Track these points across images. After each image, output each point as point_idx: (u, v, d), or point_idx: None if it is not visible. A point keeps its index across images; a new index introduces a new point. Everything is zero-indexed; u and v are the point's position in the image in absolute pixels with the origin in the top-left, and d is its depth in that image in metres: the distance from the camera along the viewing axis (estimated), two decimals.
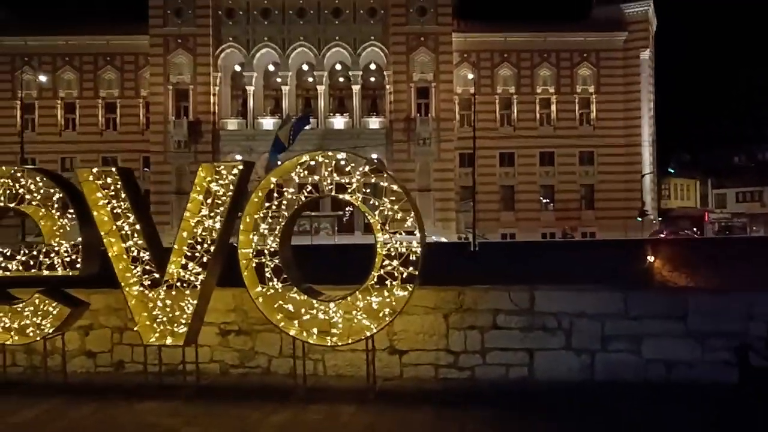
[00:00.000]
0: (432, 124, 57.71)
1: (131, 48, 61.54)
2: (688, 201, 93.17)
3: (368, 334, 6.33)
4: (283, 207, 6.55)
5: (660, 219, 69.56)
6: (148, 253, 6.57)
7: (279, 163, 54.40)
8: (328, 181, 6.67)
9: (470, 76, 57.16)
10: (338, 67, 61.67)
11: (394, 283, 6.32)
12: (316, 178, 6.75)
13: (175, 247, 6.59)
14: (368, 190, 6.72)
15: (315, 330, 6.44)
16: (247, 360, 7.34)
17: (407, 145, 58.23)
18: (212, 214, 6.43)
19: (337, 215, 53.89)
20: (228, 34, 58.57)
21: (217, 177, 6.48)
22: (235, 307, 7.26)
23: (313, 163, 6.81)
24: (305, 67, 61.38)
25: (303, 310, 6.44)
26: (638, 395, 6.32)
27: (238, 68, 60.56)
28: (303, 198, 6.67)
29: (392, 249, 6.39)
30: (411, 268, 6.34)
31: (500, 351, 6.84)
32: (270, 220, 6.51)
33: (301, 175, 6.76)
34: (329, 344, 6.46)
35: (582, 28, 63.34)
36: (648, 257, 44.97)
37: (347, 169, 6.69)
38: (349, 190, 6.61)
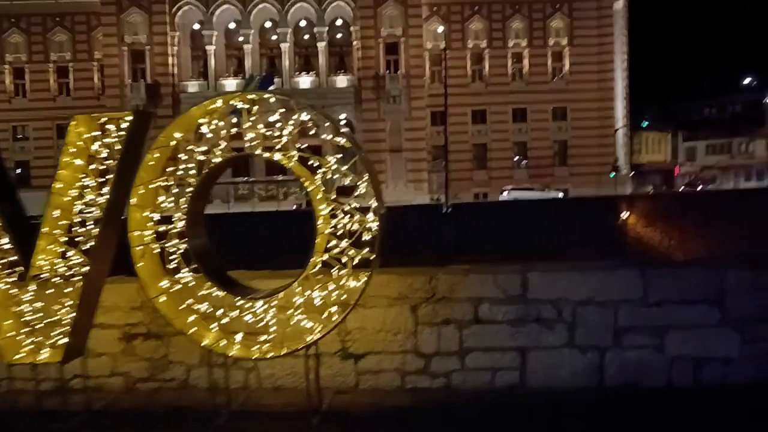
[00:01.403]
0: (402, 82, 55.59)
1: (82, 7, 57.72)
2: (660, 155, 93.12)
3: (310, 339, 4.74)
4: (191, 172, 4.81)
5: (632, 174, 69.15)
6: (8, 237, 4.83)
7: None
8: (252, 135, 4.97)
9: (440, 30, 54.94)
10: (303, 23, 58.82)
11: (343, 271, 4.71)
12: (237, 131, 5.01)
13: (45, 229, 4.78)
14: (305, 145, 5.06)
15: (238, 337, 4.82)
16: (158, 371, 5.67)
17: (377, 103, 56.15)
18: (96, 184, 4.71)
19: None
20: None
21: (100, 133, 4.74)
22: (142, 303, 5.48)
23: (231, 108, 5.05)
24: (268, 25, 58.39)
25: (222, 311, 4.80)
26: (661, 403, 4.90)
27: (197, 27, 57.29)
28: (217, 158, 4.93)
29: (340, 225, 4.76)
30: (366, 250, 4.72)
31: (484, 352, 5.23)
32: (175, 191, 4.80)
33: (214, 126, 5.01)
34: (255, 357, 4.82)
35: None
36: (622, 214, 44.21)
37: (276, 118, 5.01)
38: (278, 147, 4.94)
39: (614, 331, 5.03)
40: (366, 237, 4.70)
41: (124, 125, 4.75)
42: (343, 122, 58.73)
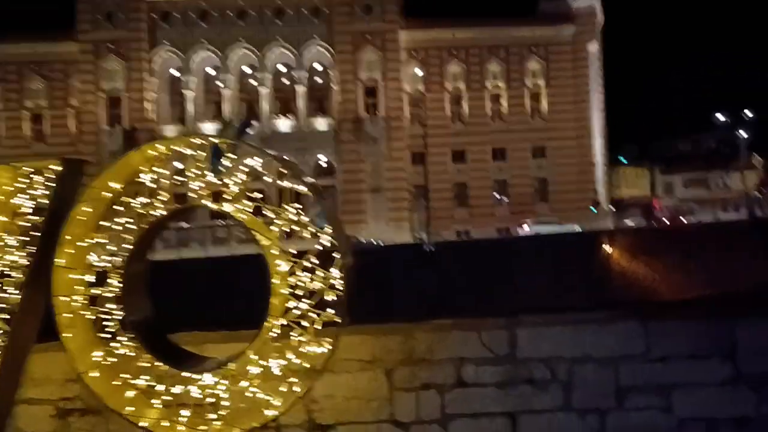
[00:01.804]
0: (381, 123, 55.79)
1: (60, 55, 57.64)
2: (639, 189, 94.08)
3: (270, 414, 4.07)
4: (129, 227, 4.18)
5: (613, 209, 69.51)
6: None
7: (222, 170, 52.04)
8: (199, 184, 4.40)
9: (419, 73, 55.51)
10: (282, 68, 59.16)
11: (304, 337, 4.06)
12: (181, 178, 4.44)
13: None
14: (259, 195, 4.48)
15: (184, 416, 4.13)
16: None
17: (356, 145, 56.16)
18: (18, 242, 4.07)
19: None
20: (163, 38, 55.37)
21: (24, 184, 4.11)
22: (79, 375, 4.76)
23: (174, 155, 4.48)
24: (247, 70, 58.65)
25: (164, 387, 4.10)
26: None
27: (175, 73, 57.33)
28: (158, 211, 4.30)
29: (301, 284, 4.14)
30: (332, 311, 4.10)
31: (470, 418, 4.56)
32: (111, 248, 4.16)
33: (155, 175, 4.42)
34: None
35: (530, 22, 62.61)
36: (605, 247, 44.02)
37: (227, 164, 4.47)
38: (229, 197, 4.37)
39: (615, 391, 4.43)
40: (330, 297, 4.10)
41: (51, 175, 4.13)
42: (323, 164, 58.64)
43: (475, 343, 4.58)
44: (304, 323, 4.08)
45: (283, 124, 57.48)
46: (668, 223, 63.13)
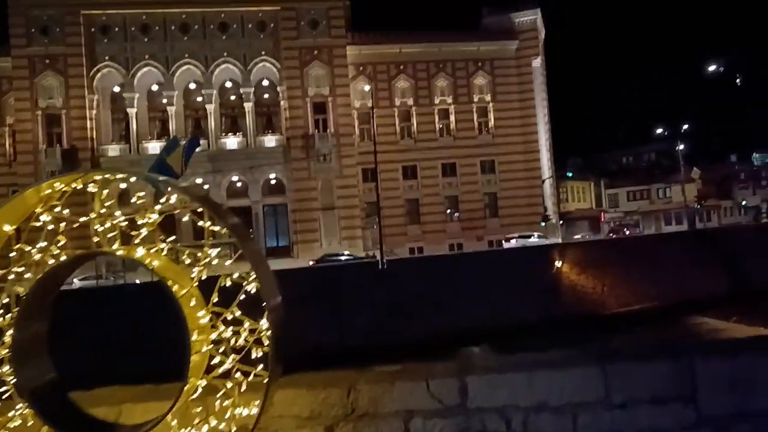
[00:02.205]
0: (331, 140, 55.39)
1: None
2: (585, 203, 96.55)
3: None
4: (25, 276, 3.58)
5: (561, 222, 70.93)
6: None
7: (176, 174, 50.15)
8: (106, 226, 3.86)
9: (367, 88, 55.48)
10: (228, 84, 58.16)
11: (227, 401, 3.57)
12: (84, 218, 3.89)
13: None
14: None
15: None
16: None
17: (307, 162, 55.55)
18: None
19: (230, 242, 49.99)
20: (104, 53, 53.64)
21: None
22: None
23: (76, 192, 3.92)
24: (193, 86, 57.43)
25: None
26: None
27: (117, 89, 55.58)
28: (57, 258, 3.71)
29: (224, 338, 3.64)
30: (261, 366, 3.62)
31: None
32: (4, 301, 3.56)
33: (54, 218, 3.84)
34: None
35: (474, 38, 63.71)
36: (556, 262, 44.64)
37: (133, 201, 3.97)
38: (138, 240, 3.87)
39: None
40: (258, 352, 3.64)
41: None
42: (273, 182, 57.71)
43: (423, 394, 4.18)
44: (229, 383, 3.60)
45: (231, 142, 56.41)
46: (613, 235, 64.69)
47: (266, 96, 59.45)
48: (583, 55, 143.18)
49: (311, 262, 48.82)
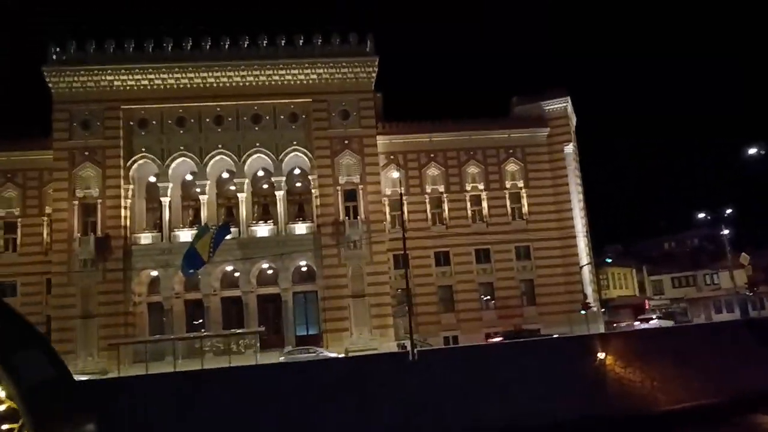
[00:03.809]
0: (362, 227, 54.86)
1: (35, 164, 57.63)
2: (627, 290, 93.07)
3: None
4: None
5: (603, 310, 67.83)
6: None
7: (191, 272, 49.66)
8: None
9: (396, 175, 55.56)
10: (261, 173, 59.04)
11: None
12: None
13: None
14: None
15: None
16: None
17: (337, 249, 54.87)
18: None
19: (258, 331, 48.76)
20: (140, 145, 55.30)
21: None
22: None
23: None
24: (225, 175, 58.41)
25: None
26: None
27: (152, 179, 56.82)
28: None
29: None
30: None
31: None
32: None
33: None
34: None
35: (505, 126, 64.09)
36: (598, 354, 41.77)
37: None
38: None
39: None
40: None
41: None
42: (303, 269, 56.97)
43: None
44: None
45: (262, 229, 56.37)
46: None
47: (298, 184, 59.97)
48: (617, 140, 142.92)
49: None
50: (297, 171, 59.02)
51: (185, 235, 54.50)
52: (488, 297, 60.71)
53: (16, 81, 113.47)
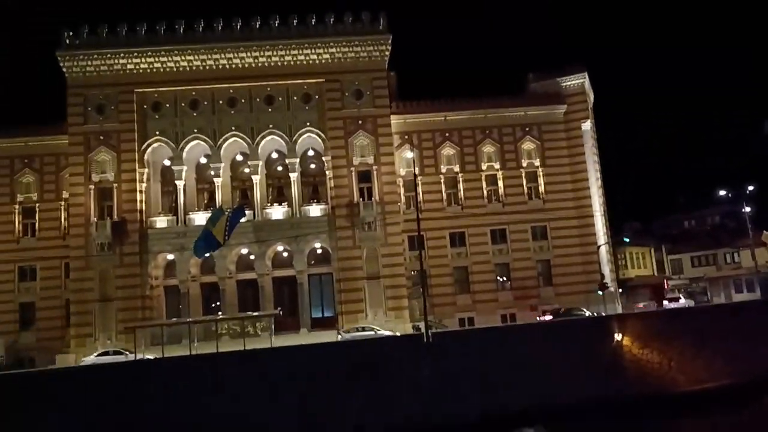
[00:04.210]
0: (376, 208, 54.52)
1: (51, 149, 57.88)
2: (645, 269, 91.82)
3: None
4: None
5: (620, 290, 67.07)
6: None
7: (207, 256, 49.85)
8: None
9: (410, 155, 54.83)
10: (274, 155, 58.84)
11: None
12: None
13: None
14: None
15: None
16: None
17: (351, 231, 54.66)
18: None
19: (274, 313, 48.90)
20: (155, 128, 55.29)
21: None
22: None
23: None
24: (239, 158, 58.28)
25: None
26: None
27: (167, 162, 56.90)
28: None
29: None
30: None
31: None
32: None
33: None
34: None
35: (521, 103, 63.02)
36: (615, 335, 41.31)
37: None
38: None
39: None
40: None
41: None
42: (318, 251, 56.96)
43: None
44: None
45: (277, 212, 56.28)
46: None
47: (312, 166, 59.70)
48: (636, 116, 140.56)
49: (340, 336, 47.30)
50: (311, 152, 58.73)
51: (200, 219, 54.61)
52: (504, 278, 60.28)
53: (31, 66, 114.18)
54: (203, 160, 57.68)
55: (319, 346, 40.82)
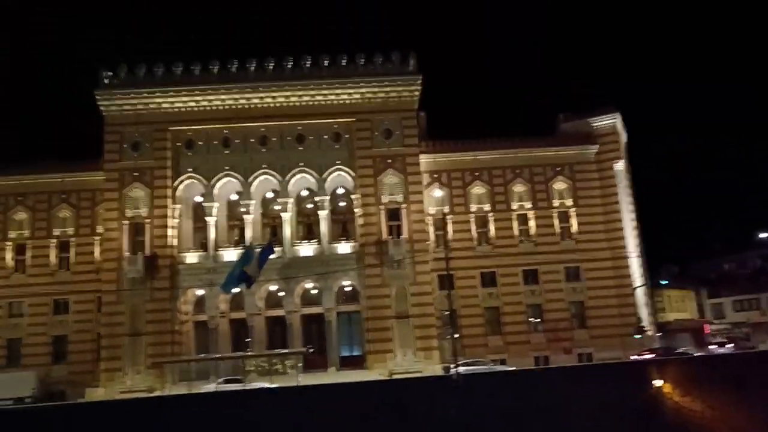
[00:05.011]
0: (405, 246, 54.09)
1: (88, 184, 59.27)
2: (685, 313, 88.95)
3: None
4: None
5: (659, 334, 64.75)
6: None
7: (235, 292, 49.78)
8: None
9: (439, 194, 54.65)
10: (304, 193, 59.17)
11: None
12: None
13: None
14: None
15: None
16: None
17: (380, 269, 54.18)
18: None
19: (302, 351, 48.38)
20: (187, 165, 56.28)
21: None
22: None
23: None
24: (270, 195, 58.78)
25: None
26: None
27: (199, 199, 57.68)
28: None
29: None
30: None
31: None
32: None
33: None
34: None
35: (552, 143, 62.59)
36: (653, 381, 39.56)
37: None
38: None
39: None
40: None
41: None
42: (347, 289, 56.53)
43: None
44: None
45: (306, 249, 56.26)
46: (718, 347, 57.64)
47: (341, 204, 59.82)
48: (671, 156, 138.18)
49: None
50: (340, 190, 58.91)
51: (230, 255, 54.93)
52: (537, 319, 58.77)
53: (68, 104, 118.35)
54: (234, 197, 58.30)
55: (347, 386, 39.99)
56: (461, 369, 41.83)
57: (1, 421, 37.86)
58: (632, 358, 50.99)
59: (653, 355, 49.09)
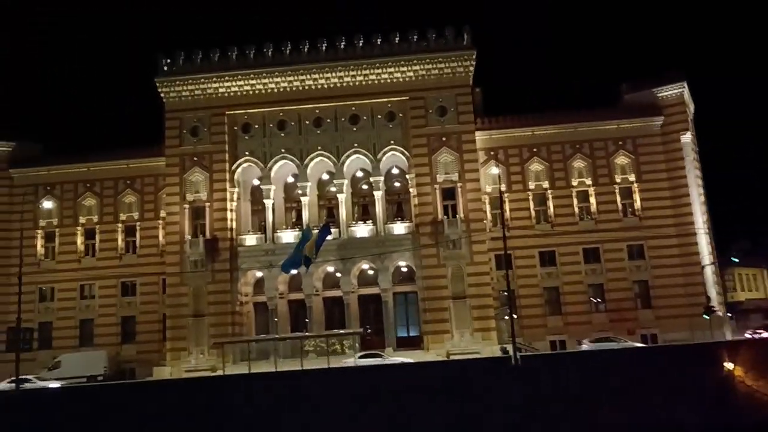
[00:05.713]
0: (461, 226, 53.33)
1: (151, 170, 61.00)
2: (758, 292, 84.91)
3: None
4: None
5: (729, 315, 61.91)
6: None
7: (294, 273, 50.43)
8: None
9: (495, 171, 53.33)
10: (359, 174, 59.14)
11: None
12: None
13: None
14: None
15: None
16: None
17: (436, 249, 53.70)
18: None
19: (359, 332, 48.67)
20: (244, 149, 57.05)
21: None
22: None
23: None
24: (325, 177, 59.04)
25: None
26: None
27: (256, 182, 58.54)
28: None
29: None
30: None
31: None
32: None
33: None
34: None
35: (614, 116, 60.08)
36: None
37: None
38: None
39: None
40: None
41: None
42: (403, 269, 56.44)
43: None
44: None
45: (362, 230, 56.33)
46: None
47: (396, 184, 59.47)
48: (742, 129, 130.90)
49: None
50: (395, 170, 58.56)
51: (288, 237, 55.61)
52: (598, 299, 57.13)
53: (128, 91, 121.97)
54: (291, 180, 58.86)
55: (405, 366, 39.94)
56: (593, 345, 41.30)
57: (76, 397, 39.80)
58: (746, 335, 48.84)
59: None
